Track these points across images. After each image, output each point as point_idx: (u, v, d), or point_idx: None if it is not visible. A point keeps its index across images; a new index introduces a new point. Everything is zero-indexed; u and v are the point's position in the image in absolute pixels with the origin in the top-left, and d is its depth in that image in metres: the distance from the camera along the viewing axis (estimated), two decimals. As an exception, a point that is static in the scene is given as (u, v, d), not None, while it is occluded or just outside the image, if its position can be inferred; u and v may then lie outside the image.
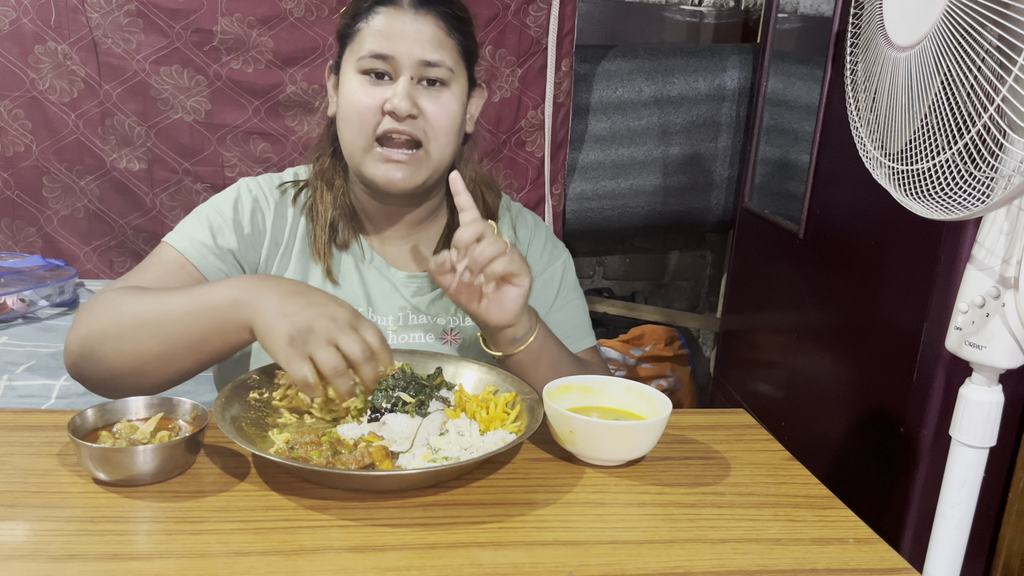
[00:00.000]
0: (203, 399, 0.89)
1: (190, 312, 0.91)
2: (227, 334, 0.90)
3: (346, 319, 0.87)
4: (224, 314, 0.89)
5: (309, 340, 0.84)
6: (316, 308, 0.86)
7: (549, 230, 1.28)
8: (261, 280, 0.92)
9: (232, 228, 1.10)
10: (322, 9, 2.18)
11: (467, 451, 0.84)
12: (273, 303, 0.87)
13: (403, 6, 1.05)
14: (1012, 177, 0.85)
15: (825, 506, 0.85)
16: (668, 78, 2.54)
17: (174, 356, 0.92)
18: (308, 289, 0.91)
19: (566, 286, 1.24)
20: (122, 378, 0.95)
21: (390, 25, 1.04)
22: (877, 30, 1.04)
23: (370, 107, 1.04)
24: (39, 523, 0.73)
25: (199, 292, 0.93)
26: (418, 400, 0.90)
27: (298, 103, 2.24)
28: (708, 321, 2.88)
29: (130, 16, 2.11)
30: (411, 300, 1.16)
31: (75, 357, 0.97)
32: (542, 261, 1.23)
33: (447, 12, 1.07)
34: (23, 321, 2.05)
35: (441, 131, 1.07)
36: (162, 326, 0.91)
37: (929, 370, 1.57)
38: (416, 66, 1.04)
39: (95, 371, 0.96)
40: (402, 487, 0.81)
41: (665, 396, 0.92)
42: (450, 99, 1.07)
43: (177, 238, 1.08)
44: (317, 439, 0.85)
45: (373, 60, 1.04)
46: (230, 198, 1.13)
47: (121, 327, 0.93)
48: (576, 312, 1.23)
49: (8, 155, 2.18)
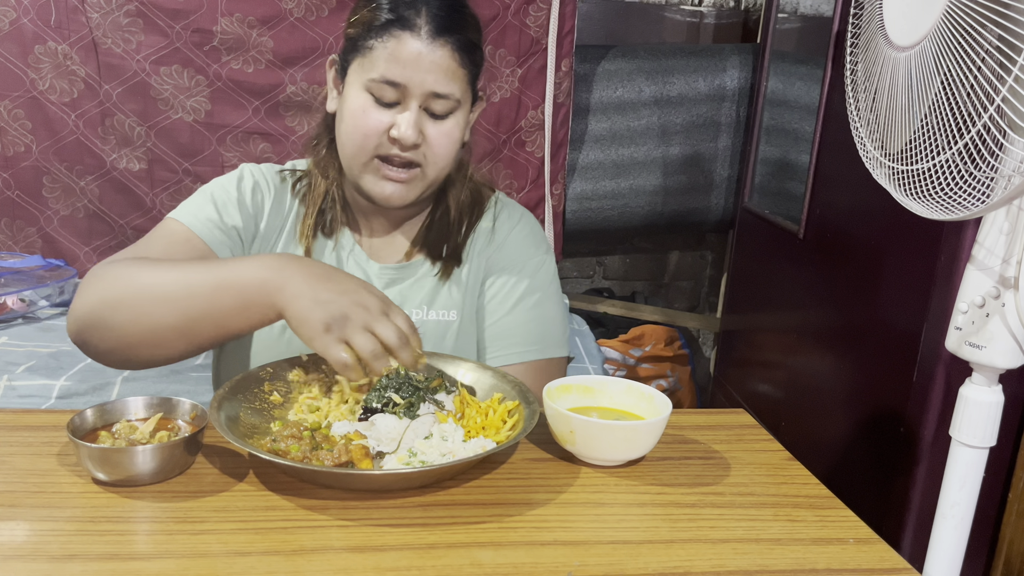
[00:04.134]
0: (203, 399, 0.89)
1: (216, 289, 0.91)
2: (252, 314, 0.90)
3: (378, 306, 0.90)
4: (253, 294, 0.90)
5: (346, 327, 0.87)
6: (349, 296, 0.89)
7: (537, 230, 1.25)
8: (289, 261, 0.92)
9: (237, 206, 1.11)
10: (322, 9, 2.18)
11: (444, 457, 0.84)
12: (306, 290, 0.88)
13: (420, 34, 1.02)
14: (1012, 177, 0.85)
15: (825, 506, 0.85)
16: (668, 78, 2.54)
17: (194, 330, 0.92)
18: (336, 273, 0.92)
19: (536, 285, 1.19)
20: (135, 348, 0.94)
21: (405, 52, 1.02)
22: (877, 30, 1.04)
23: (375, 130, 1.04)
24: (39, 523, 0.73)
25: (225, 268, 0.93)
26: (407, 402, 0.89)
27: (298, 103, 2.24)
28: (708, 321, 2.88)
29: (130, 16, 2.11)
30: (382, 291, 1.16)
31: (81, 324, 0.95)
32: (515, 255, 1.20)
33: (462, 39, 1.05)
34: (23, 321, 2.05)
35: (441, 156, 1.08)
36: (184, 299, 0.91)
37: (929, 370, 1.57)
38: (426, 96, 1.04)
39: (103, 339, 0.94)
40: (369, 487, 0.81)
41: (665, 396, 0.92)
42: (453, 126, 1.07)
43: (183, 213, 1.08)
44: (299, 433, 0.85)
45: (383, 86, 1.03)
46: (233, 177, 1.14)
47: (138, 297, 0.92)
48: (544, 317, 1.18)
49: (8, 155, 2.18)
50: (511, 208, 1.25)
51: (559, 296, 1.23)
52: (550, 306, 1.20)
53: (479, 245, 1.20)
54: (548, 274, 1.22)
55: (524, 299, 1.18)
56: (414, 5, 1.03)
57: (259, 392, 0.94)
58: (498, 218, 1.22)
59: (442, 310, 1.16)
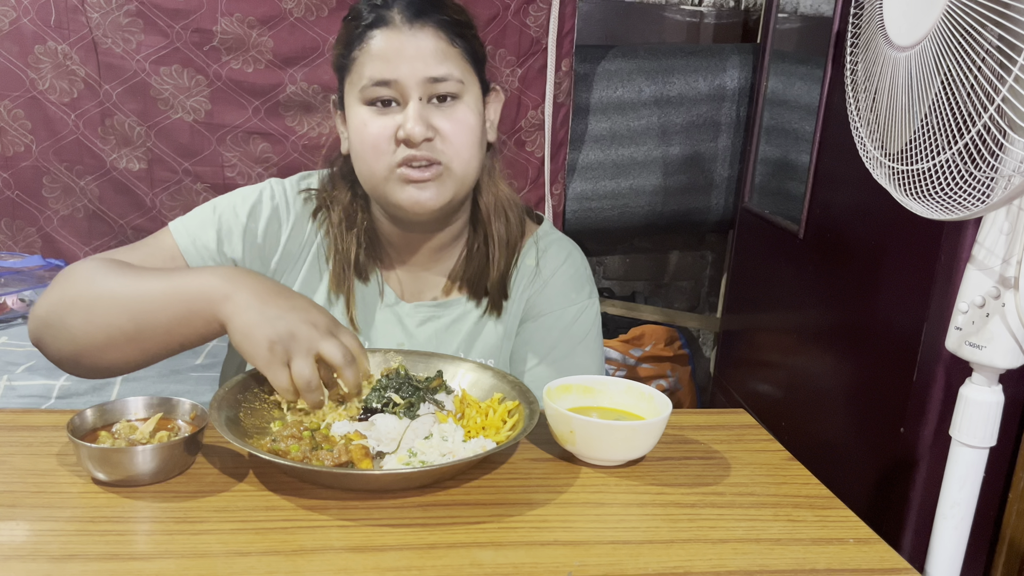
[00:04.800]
0: (203, 399, 0.89)
1: (164, 294, 0.89)
2: (196, 324, 0.88)
3: (326, 325, 0.87)
4: (196, 303, 0.87)
5: (291, 346, 0.84)
6: (297, 313, 0.86)
7: (583, 271, 1.16)
8: (240, 275, 0.89)
9: (242, 235, 1.06)
10: (322, 9, 2.18)
11: (444, 457, 0.83)
12: (254, 303, 0.86)
13: (396, 24, 0.97)
14: (1012, 177, 0.85)
15: (825, 506, 0.85)
16: (668, 78, 2.54)
17: (143, 337, 0.90)
18: (287, 291, 0.90)
19: (572, 336, 1.12)
20: (85, 354, 0.92)
21: (387, 47, 0.97)
22: (877, 30, 1.04)
23: (383, 138, 0.98)
24: (39, 523, 0.73)
25: (176, 277, 0.91)
26: (407, 402, 0.89)
27: (298, 103, 2.24)
28: (708, 321, 2.88)
29: (130, 16, 2.11)
30: (413, 331, 1.11)
31: (39, 323, 0.94)
32: (555, 299, 1.13)
33: (445, 19, 0.99)
34: (23, 321, 2.05)
35: (462, 147, 1.00)
36: (134, 304, 0.89)
37: (929, 370, 1.57)
38: (423, 85, 0.97)
39: (55, 339, 0.93)
40: (369, 487, 0.81)
41: (665, 396, 0.92)
42: (465, 112, 1.00)
43: (181, 230, 1.05)
44: (299, 433, 0.85)
45: (376, 88, 0.98)
46: (250, 200, 1.08)
47: (93, 298, 0.91)
48: (574, 368, 1.10)
49: (8, 155, 2.18)
50: (558, 245, 1.16)
51: (596, 344, 1.15)
52: (584, 357, 1.12)
53: (522, 284, 1.13)
54: (587, 321, 1.14)
55: (556, 348, 1.12)
56: (387, 2, 0.99)
57: (259, 392, 0.94)
58: (543, 256, 1.14)
59: (480, 357, 1.10)
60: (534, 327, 1.13)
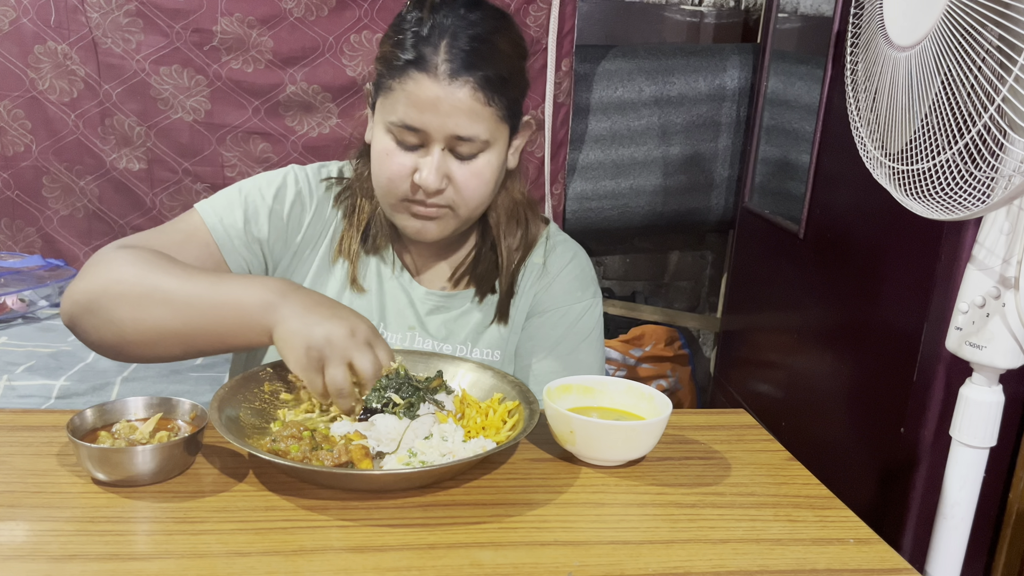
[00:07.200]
0: (203, 399, 0.89)
1: (218, 305, 0.91)
2: (250, 334, 0.91)
3: (364, 336, 0.89)
4: (252, 315, 0.90)
5: (326, 352, 0.86)
6: (337, 321, 0.88)
7: (588, 271, 1.19)
8: (291, 288, 0.92)
9: (268, 216, 1.08)
10: (322, 9, 2.18)
11: (444, 457, 0.84)
12: (299, 311, 0.89)
13: (438, 75, 0.96)
14: (1012, 177, 0.85)
15: (825, 506, 0.85)
16: (668, 78, 2.54)
17: (193, 339, 0.93)
18: (331, 302, 0.93)
19: (576, 331, 1.15)
20: (131, 345, 0.94)
21: (422, 95, 0.96)
22: (877, 30, 1.04)
23: (400, 175, 1.01)
24: (39, 523, 0.73)
25: (230, 286, 0.93)
26: (407, 402, 0.89)
27: (298, 103, 2.24)
28: (708, 321, 2.88)
29: (130, 16, 2.11)
30: (424, 318, 1.13)
31: (79, 308, 0.94)
32: (561, 296, 1.15)
33: (487, 76, 0.97)
34: (23, 321, 2.05)
35: (472, 197, 1.03)
36: (187, 308, 0.92)
37: (929, 370, 1.57)
38: (449, 139, 0.99)
39: (97, 328, 0.94)
40: (369, 487, 0.81)
41: (665, 396, 0.92)
42: (484, 164, 1.02)
43: (209, 211, 1.06)
44: (299, 433, 0.85)
45: (403, 131, 0.99)
46: (275, 183, 1.10)
47: (143, 296, 0.92)
48: (576, 365, 1.13)
49: (8, 155, 2.18)
50: (564, 245, 1.19)
51: (599, 342, 1.18)
52: (586, 354, 1.15)
53: (529, 281, 1.15)
54: (591, 320, 1.16)
55: (560, 343, 1.14)
56: (432, 41, 0.96)
57: (259, 392, 0.94)
58: (550, 255, 1.16)
59: (487, 348, 1.13)
60: (540, 322, 1.15)
